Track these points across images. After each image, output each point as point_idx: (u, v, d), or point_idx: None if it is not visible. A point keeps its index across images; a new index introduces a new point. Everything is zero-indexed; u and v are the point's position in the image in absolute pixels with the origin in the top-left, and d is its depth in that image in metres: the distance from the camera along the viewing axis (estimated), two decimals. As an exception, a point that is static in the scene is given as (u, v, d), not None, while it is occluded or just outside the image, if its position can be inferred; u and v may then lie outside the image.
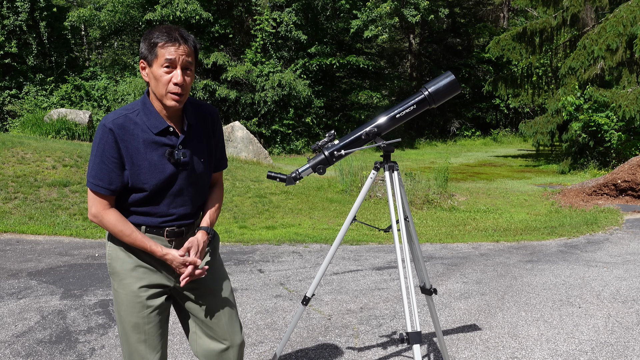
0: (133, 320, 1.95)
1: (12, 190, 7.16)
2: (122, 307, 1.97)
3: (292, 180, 2.45)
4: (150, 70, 1.84)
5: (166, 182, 1.89)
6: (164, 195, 1.92)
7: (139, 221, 1.93)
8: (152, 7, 19.37)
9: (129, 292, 1.95)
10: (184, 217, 1.98)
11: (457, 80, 2.47)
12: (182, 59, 1.82)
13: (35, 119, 14.13)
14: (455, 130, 27.28)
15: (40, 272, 4.73)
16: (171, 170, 1.89)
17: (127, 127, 1.84)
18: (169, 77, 1.82)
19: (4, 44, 18.26)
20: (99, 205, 1.88)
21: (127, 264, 1.96)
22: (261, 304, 4.09)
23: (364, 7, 20.94)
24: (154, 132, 1.87)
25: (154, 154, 1.87)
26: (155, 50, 1.81)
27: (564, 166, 15.05)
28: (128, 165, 1.85)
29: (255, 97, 19.19)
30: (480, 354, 3.26)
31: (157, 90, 1.84)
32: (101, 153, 1.84)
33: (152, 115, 1.88)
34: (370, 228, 7.05)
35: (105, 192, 1.86)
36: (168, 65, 1.81)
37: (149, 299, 1.96)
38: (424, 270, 2.67)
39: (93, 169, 1.86)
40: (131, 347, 1.98)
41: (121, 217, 1.90)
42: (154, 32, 1.83)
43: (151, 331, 1.96)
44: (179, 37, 1.82)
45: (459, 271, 5.11)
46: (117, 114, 1.86)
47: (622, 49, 13.81)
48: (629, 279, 4.82)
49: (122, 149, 1.83)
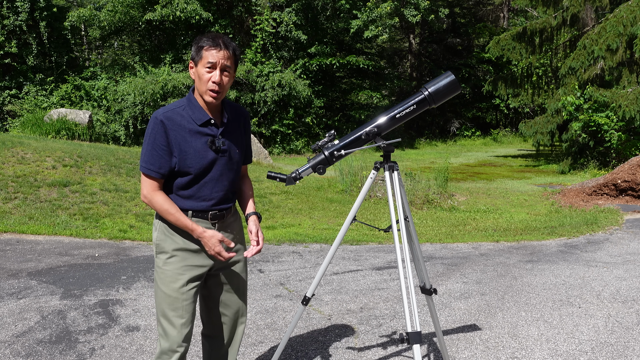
0: (173, 296, 2.18)
1: (12, 190, 7.15)
2: (164, 283, 2.20)
3: (292, 180, 2.46)
4: (196, 70, 2.13)
5: (208, 166, 2.16)
6: (207, 179, 2.17)
7: (186, 206, 2.18)
8: (152, 7, 19.37)
9: (173, 269, 2.19)
10: (223, 200, 2.24)
11: (457, 80, 2.47)
12: (222, 62, 2.10)
13: (35, 119, 14.13)
14: (455, 130, 27.29)
15: (40, 272, 4.73)
16: (212, 156, 2.16)
17: (175, 119, 2.11)
18: (209, 76, 2.10)
19: (4, 44, 18.24)
20: (150, 187, 2.14)
21: (174, 245, 2.19)
22: (261, 304, 4.09)
23: (364, 7, 20.93)
24: (198, 124, 2.14)
25: (198, 142, 2.13)
26: (201, 52, 2.10)
27: (564, 166, 15.05)
28: (176, 152, 2.10)
29: (255, 97, 19.19)
30: (480, 354, 3.26)
31: (200, 87, 2.12)
32: (153, 141, 2.10)
33: (196, 109, 2.15)
34: (370, 228, 7.04)
35: (156, 175, 2.12)
36: (210, 66, 2.09)
37: (190, 279, 2.20)
38: (424, 270, 2.67)
39: (146, 155, 2.12)
40: (168, 321, 2.19)
41: (168, 199, 2.16)
42: (202, 38, 2.12)
43: (187, 308, 2.20)
44: (222, 43, 2.10)
45: (459, 271, 5.11)
46: (167, 109, 2.14)
47: (622, 49, 13.81)
48: (629, 279, 4.82)
49: (171, 137, 2.09)
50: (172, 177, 2.16)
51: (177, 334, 2.19)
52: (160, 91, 17.10)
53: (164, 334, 2.21)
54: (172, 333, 2.19)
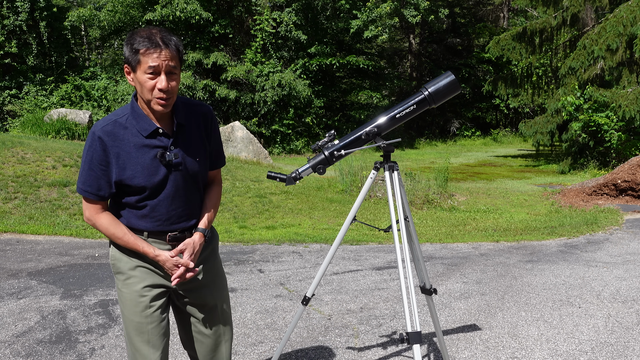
0: (136, 320, 1.97)
1: (12, 190, 7.15)
2: (125, 307, 1.99)
3: (292, 180, 2.45)
4: (134, 76, 1.83)
5: (161, 183, 1.89)
6: (161, 197, 1.91)
7: (141, 226, 1.94)
8: (152, 7, 19.36)
9: (132, 291, 1.97)
10: (183, 218, 1.98)
11: (457, 80, 2.47)
12: (165, 64, 1.79)
13: (35, 119, 14.11)
14: (455, 130, 27.29)
15: (40, 272, 4.73)
16: (164, 172, 1.89)
17: (117, 134, 1.84)
18: (153, 82, 1.80)
19: (4, 44, 18.24)
20: (91, 210, 1.92)
21: (130, 263, 1.97)
22: (261, 304, 4.09)
23: (364, 7, 20.93)
24: (144, 135, 1.86)
25: (146, 157, 1.86)
26: (138, 56, 1.78)
27: (564, 166, 15.05)
28: (120, 171, 1.85)
29: (255, 97, 19.19)
30: (480, 354, 3.26)
31: (143, 96, 1.83)
32: (90, 160, 1.85)
33: (141, 118, 1.87)
34: (370, 228, 7.04)
35: (94, 198, 1.89)
36: (152, 72, 1.79)
37: (152, 299, 1.98)
38: (424, 270, 2.67)
39: (82, 175, 1.88)
40: (134, 347, 1.99)
41: (113, 221, 1.92)
42: (135, 37, 1.80)
43: (154, 331, 1.97)
44: (161, 42, 1.78)
45: (459, 271, 5.11)
46: (106, 121, 1.86)
47: (622, 49, 13.81)
48: (629, 279, 4.82)
49: (113, 155, 1.84)
50: (123, 196, 1.91)
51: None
52: (160, 91, 17.09)
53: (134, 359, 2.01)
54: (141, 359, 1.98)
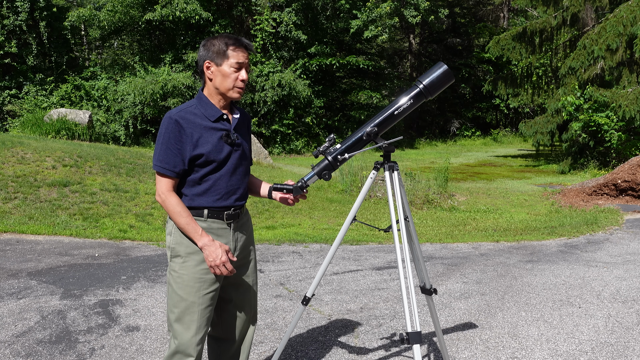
0: (190, 299, 2.17)
1: (12, 190, 7.15)
2: (181, 287, 2.18)
3: (299, 190, 2.44)
4: (217, 69, 2.18)
5: (224, 159, 2.21)
6: (223, 172, 2.21)
7: (202, 203, 2.19)
8: (151, 7, 19.37)
9: (192, 272, 2.18)
10: (238, 195, 2.28)
11: (450, 69, 2.45)
12: (247, 62, 2.22)
13: (35, 119, 14.12)
14: (455, 130, 27.30)
15: (40, 272, 4.73)
16: (228, 149, 2.21)
17: (189, 118, 2.16)
18: (236, 75, 2.19)
19: (4, 44, 18.23)
20: (165, 186, 2.16)
21: (191, 247, 2.18)
22: (261, 304, 4.09)
23: (364, 7, 20.93)
24: (212, 120, 2.20)
25: (214, 137, 2.18)
26: (227, 52, 2.16)
27: (564, 166, 15.05)
28: (193, 148, 2.14)
29: (255, 97, 19.19)
30: (480, 354, 3.26)
31: (224, 85, 2.19)
32: (167, 140, 2.13)
33: (209, 106, 2.22)
34: (370, 228, 7.04)
35: (170, 174, 2.14)
36: (237, 66, 2.18)
37: (210, 283, 2.20)
38: (424, 270, 2.67)
39: (160, 154, 2.14)
40: (183, 325, 2.18)
41: (181, 202, 2.18)
42: (223, 38, 2.18)
43: (203, 312, 2.20)
44: (247, 45, 2.22)
45: (459, 271, 5.11)
46: (179, 109, 2.19)
47: (622, 49, 13.81)
48: (629, 279, 4.82)
49: (187, 135, 2.14)
50: (186, 175, 2.19)
51: (192, 339, 2.18)
52: (160, 91, 17.12)
53: (178, 337, 2.20)
54: (186, 337, 2.19)
